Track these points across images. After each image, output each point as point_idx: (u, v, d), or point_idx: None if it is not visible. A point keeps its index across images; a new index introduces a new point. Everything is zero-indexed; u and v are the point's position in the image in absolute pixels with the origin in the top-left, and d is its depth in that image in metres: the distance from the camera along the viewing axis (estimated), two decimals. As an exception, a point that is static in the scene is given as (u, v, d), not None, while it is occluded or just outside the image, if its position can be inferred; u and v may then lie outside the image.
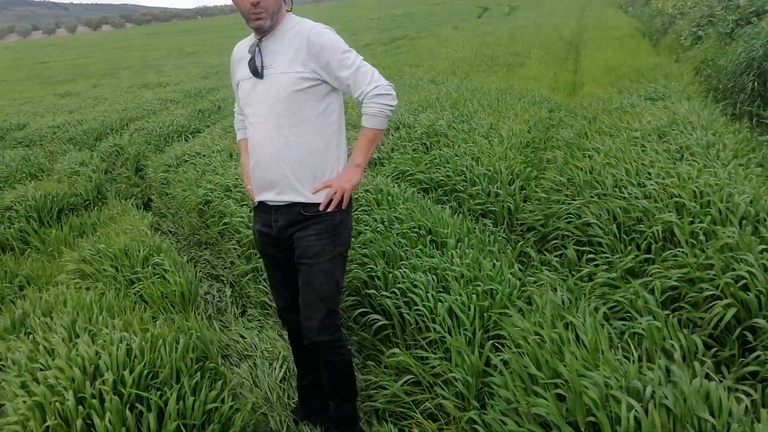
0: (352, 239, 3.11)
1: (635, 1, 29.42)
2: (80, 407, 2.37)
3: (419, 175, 5.08)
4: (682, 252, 3.08)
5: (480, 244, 3.80)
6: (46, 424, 2.35)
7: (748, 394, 2.21)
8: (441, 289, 3.19)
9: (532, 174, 4.84)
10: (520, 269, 3.55)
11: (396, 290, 3.20)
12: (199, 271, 4.53)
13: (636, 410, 1.99)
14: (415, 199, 4.42)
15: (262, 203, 2.56)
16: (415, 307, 3.06)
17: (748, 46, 7.44)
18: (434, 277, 3.24)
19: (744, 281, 2.63)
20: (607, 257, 3.40)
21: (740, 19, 9.99)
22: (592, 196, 3.87)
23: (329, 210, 2.44)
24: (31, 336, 3.09)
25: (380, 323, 3.18)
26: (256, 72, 2.40)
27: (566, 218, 3.84)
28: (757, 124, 6.33)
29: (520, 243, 3.90)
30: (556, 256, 3.67)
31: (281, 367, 3.29)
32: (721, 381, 2.28)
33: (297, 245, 2.48)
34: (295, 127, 2.39)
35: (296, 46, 2.35)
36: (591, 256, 3.49)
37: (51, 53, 43.75)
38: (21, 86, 21.19)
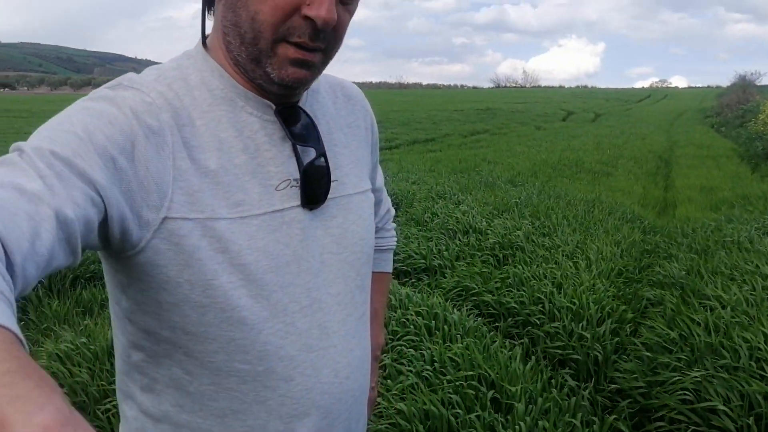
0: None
1: (728, 122, 28.29)
2: None
3: (486, 296, 4.18)
4: None
5: (557, 408, 2.85)
6: None
7: None
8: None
9: (627, 315, 3.86)
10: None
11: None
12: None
13: None
14: (477, 333, 3.51)
15: None
16: None
17: None
18: (493, 465, 2.31)
19: None
20: (741, 465, 2.40)
21: None
22: (717, 368, 2.87)
23: None
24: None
25: None
26: (316, 193, 0.93)
27: (679, 393, 2.84)
28: None
29: (612, 417, 2.90)
30: (661, 445, 2.68)
31: None
32: None
33: None
34: (368, 322, 1.10)
35: (362, 131, 1.09)
36: (716, 457, 2.49)
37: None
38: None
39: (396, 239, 1.38)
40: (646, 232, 6.28)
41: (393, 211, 1.38)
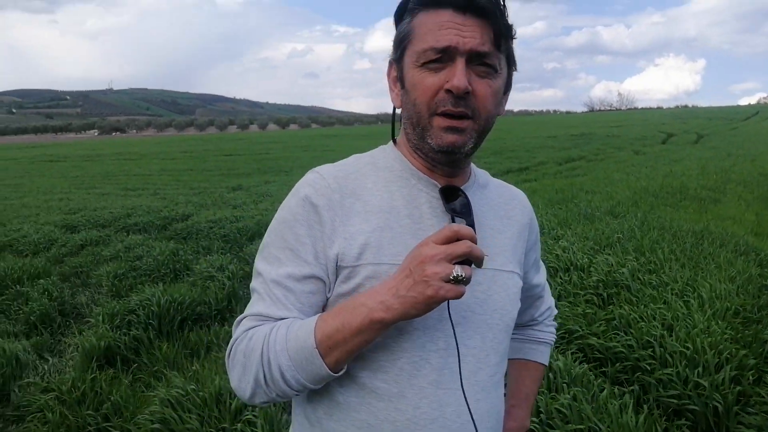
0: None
1: None
2: None
3: (591, 339, 4.01)
4: None
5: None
6: None
7: None
8: None
9: (749, 361, 3.60)
10: None
11: None
12: None
13: None
14: (584, 380, 3.36)
15: None
16: None
17: None
18: None
19: None
20: None
21: None
22: None
23: None
24: None
25: None
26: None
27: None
28: None
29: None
30: None
31: None
32: None
33: None
34: (501, 386, 1.26)
35: (518, 225, 1.28)
36: None
37: (239, 147, 47.20)
38: (202, 176, 22.49)
39: (555, 336, 1.53)
40: (763, 266, 5.87)
41: (556, 311, 1.55)
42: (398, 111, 1.19)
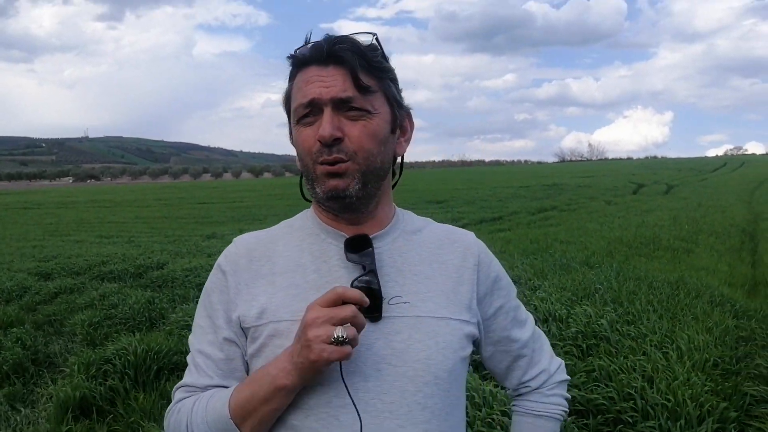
0: None
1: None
2: None
3: (572, 390, 4.00)
4: None
5: None
6: None
7: None
8: None
9: (730, 414, 3.62)
10: None
11: None
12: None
13: None
14: (568, 433, 3.36)
15: None
16: None
17: None
18: None
19: None
20: None
21: None
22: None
23: None
24: None
25: None
26: (375, 306, 1.09)
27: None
28: None
29: None
30: None
31: None
32: None
33: None
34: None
35: (455, 269, 1.20)
36: None
37: (213, 195, 47.07)
38: (176, 224, 22.36)
39: (563, 409, 1.32)
40: (738, 317, 5.94)
41: (559, 377, 1.35)
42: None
